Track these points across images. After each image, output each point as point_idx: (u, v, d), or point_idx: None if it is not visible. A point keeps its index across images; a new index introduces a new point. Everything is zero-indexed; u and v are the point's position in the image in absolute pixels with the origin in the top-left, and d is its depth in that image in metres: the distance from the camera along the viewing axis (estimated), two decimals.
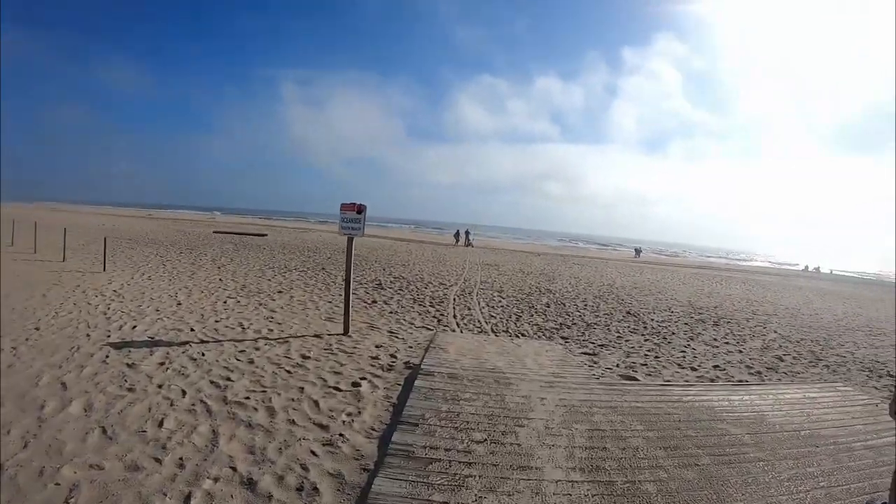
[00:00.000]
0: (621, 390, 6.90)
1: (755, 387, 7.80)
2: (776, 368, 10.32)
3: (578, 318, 14.05)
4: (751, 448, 5.35)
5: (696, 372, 9.35)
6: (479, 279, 21.15)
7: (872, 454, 5.56)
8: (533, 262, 34.53)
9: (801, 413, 6.64)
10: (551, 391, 6.59)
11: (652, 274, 34.12)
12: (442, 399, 6.02)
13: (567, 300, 17.24)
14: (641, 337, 12.18)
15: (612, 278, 27.35)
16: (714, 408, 6.45)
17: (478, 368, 7.42)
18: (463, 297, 16.20)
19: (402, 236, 59.30)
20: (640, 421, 5.77)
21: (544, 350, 9.28)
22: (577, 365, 8.47)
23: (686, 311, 17.21)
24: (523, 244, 73.70)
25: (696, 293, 23.74)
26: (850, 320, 19.93)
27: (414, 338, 9.88)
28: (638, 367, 9.26)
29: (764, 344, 12.89)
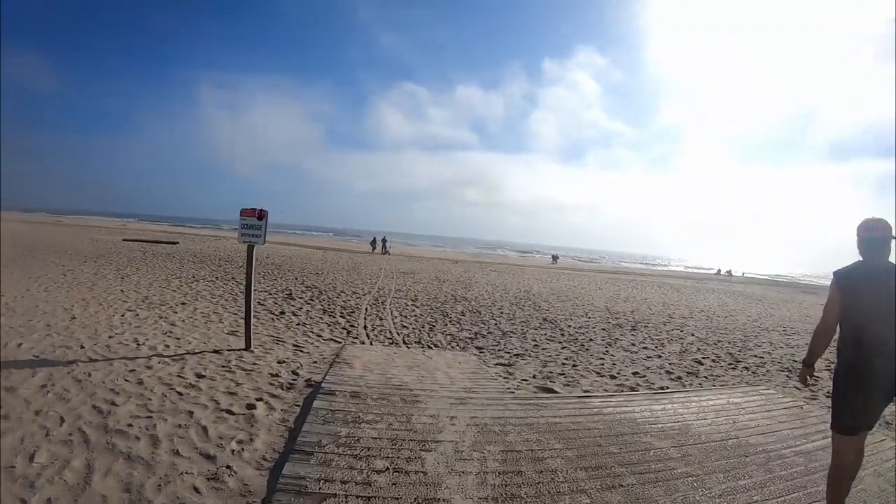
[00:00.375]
0: (537, 405, 6.45)
1: (677, 394, 7.53)
2: (696, 373, 10.18)
3: (494, 326, 13.69)
4: (678, 462, 4.99)
5: (615, 380, 9.06)
6: (393, 287, 20.61)
7: (803, 460, 5.35)
8: (450, 269, 34.24)
9: (727, 420, 6.40)
10: (462, 409, 6.09)
11: (569, 280, 34.36)
12: (342, 422, 5.40)
13: (483, 308, 16.90)
14: (559, 345, 11.89)
15: (529, 285, 27.33)
16: (636, 419, 6.10)
17: (384, 385, 6.85)
18: (376, 306, 15.62)
19: (319, 244, 58.13)
20: (558, 438, 5.33)
21: (457, 362, 8.83)
22: (491, 378, 8.04)
23: (603, 317, 17.15)
24: (441, 251, 73.78)
25: (613, 298, 23.87)
26: (764, 321, 20.30)
27: (320, 352, 9.23)
28: (555, 376, 8.89)
29: (682, 348, 12.83)
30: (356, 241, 76.51)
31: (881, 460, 5.65)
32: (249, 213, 8.74)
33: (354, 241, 78.04)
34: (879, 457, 5.75)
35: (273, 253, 33.11)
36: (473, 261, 51.10)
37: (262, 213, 8.74)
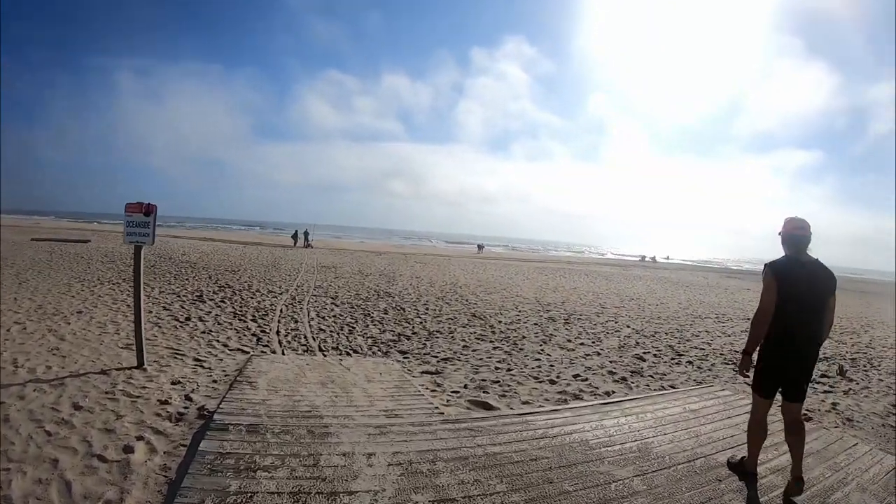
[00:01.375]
0: (472, 429, 5.42)
1: (628, 403, 6.71)
2: (640, 371, 9.57)
3: (419, 325, 12.73)
4: (646, 498, 4.16)
5: (555, 385, 8.27)
6: (313, 284, 19.29)
7: (780, 479, 4.71)
8: (374, 262, 33.06)
9: (689, 434, 5.68)
10: (382, 441, 5.01)
11: (496, 270, 33.81)
12: (233, 471, 4.24)
13: (407, 304, 15.90)
14: (490, 344, 11.09)
15: (455, 276, 26.54)
16: (589, 442, 5.23)
17: (290, 412, 5.72)
18: (292, 306, 14.32)
19: (241, 239, 55.56)
20: (499, 476, 4.36)
21: (378, 373, 7.78)
22: (417, 393, 6.97)
23: (534, 310, 16.51)
24: (366, 243, 72.34)
25: (542, 288, 23.36)
26: (696, 308, 20.15)
27: (224, 367, 8.03)
28: (489, 385, 8.01)
29: (620, 342, 12.27)
30: (282, 235, 74.24)
31: (860, 471, 5.14)
32: (135, 209, 7.50)
33: (280, 235, 75.81)
34: (857, 466, 5.25)
35: (190, 249, 31.13)
36: (398, 252, 50.09)
37: (150, 208, 7.53)
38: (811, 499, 4.41)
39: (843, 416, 8.22)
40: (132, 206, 7.46)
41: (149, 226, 7.52)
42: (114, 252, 26.38)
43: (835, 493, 4.58)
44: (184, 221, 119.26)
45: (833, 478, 4.89)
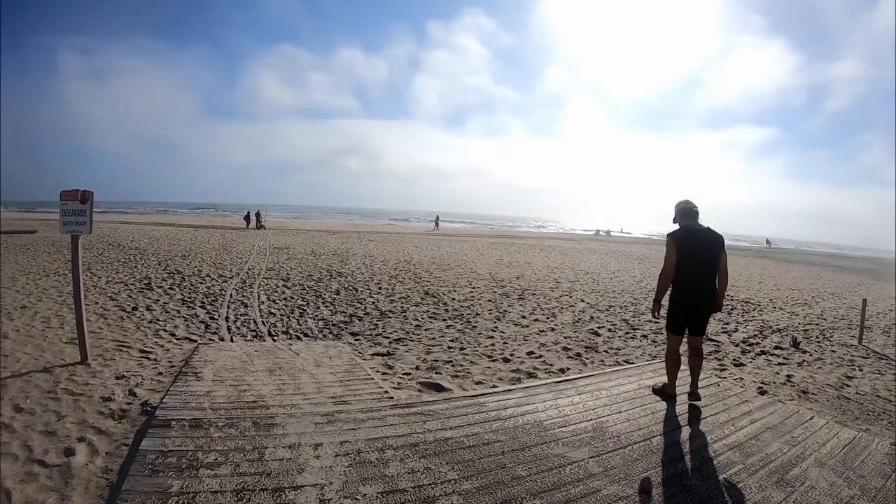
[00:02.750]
0: (423, 413, 5.26)
1: (582, 380, 6.62)
2: (595, 347, 9.53)
3: (371, 305, 12.47)
4: (602, 480, 4.05)
5: (509, 364, 8.16)
6: (264, 266, 18.77)
7: (739, 455, 4.68)
8: (327, 241, 32.53)
9: (644, 411, 5.61)
10: (330, 430, 4.81)
11: (450, 246, 33.64)
12: (175, 470, 4.00)
13: (360, 284, 15.58)
14: (443, 323, 10.92)
15: (409, 254, 26.28)
16: (543, 422, 5.11)
17: (235, 404, 5.48)
18: (242, 290, 13.87)
19: (192, 222, 53.90)
20: (451, 463, 4.21)
21: (328, 357, 7.56)
22: (366, 377, 6.75)
23: (488, 286, 16.40)
24: (320, 222, 71.54)
25: (497, 264, 23.29)
26: (650, 281, 20.28)
27: (170, 357, 7.70)
28: (442, 365, 7.86)
29: (575, 317, 12.24)
30: (235, 217, 72.84)
31: (817, 445, 5.14)
32: (71, 197, 7.13)
33: (231, 217, 74.46)
34: (814, 440, 5.25)
35: (139, 235, 30.08)
36: (353, 231, 49.53)
37: (85, 195, 7.17)
38: (770, 475, 4.38)
39: (799, 389, 8.27)
40: (67, 193, 7.10)
41: (86, 214, 7.16)
42: (61, 242, 25.50)
43: (793, 468, 4.56)
44: (134, 206, 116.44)
45: (791, 453, 4.88)
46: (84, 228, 7.13)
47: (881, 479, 4.56)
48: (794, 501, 3.98)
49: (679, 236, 5.82)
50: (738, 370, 8.95)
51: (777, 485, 4.23)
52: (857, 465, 4.79)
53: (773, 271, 35.51)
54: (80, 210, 7.09)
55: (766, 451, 4.85)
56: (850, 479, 4.48)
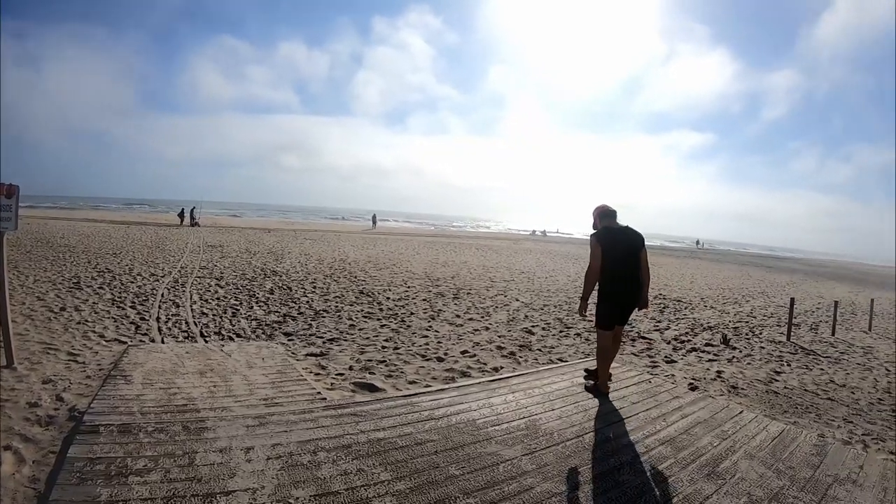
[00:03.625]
0: (356, 414, 5.15)
1: (515, 378, 6.61)
2: (529, 345, 9.59)
3: (306, 305, 12.29)
4: (535, 477, 4.03)
5: (443, 363, 8.14)
6: (197, 265, 18.30)
7: (671, 450, 4.76)
8: (263, 239, 32.05)
9: (577, 408, 5.64)
10: (262, 433, 4.65)
11: (387, 245, 33.57)
12: (103, 478, 3.81)
13: (294, 283, 15.35)
14: (378, 322, 10.83)
15: (345, 252, 26.11)
16: (476, 421, 5.08)
17: (165, 408, 5.28)
18: (175, 289, 13.43)
19: (124, 218, 51.94)
20: (384, 464, 4.12)
21: (260, 358, 7.38)
22: (299, 378, 6.59)
23: (424, 285, 16.40)
24: (256, 220, 70.46)
25: (433, 263, 23.31)
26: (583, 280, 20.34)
27: (99, 360, 7.36)
28: (375, 365, 7.78)
29: (509, 315, 12.31)
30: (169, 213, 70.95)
31: (747, 438, 5.28)
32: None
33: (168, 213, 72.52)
34: (744, 434, 5.39)
35: (70, 232, 28.89)
36: (289, 229, 48.89)
37: (11, 190, 6.82)
38: (701, 468, 4.44)
39: (729, 384, 8.46)
40: None
41: (11, 209, 6.81)
42: None
43: (723, 461, 4.65)
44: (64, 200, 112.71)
45: (721, 446, 4.98)
46: (9, 225, 6.79)
47: (810, 469, 4.69)
48: (725, 493, 4.05)
49: (602, 236, 6.04)
50: (670, 367, 9.12)
51: (708, 477, 4.29)
52: (786, 456, 4.92)
53: (705, 271, 36.42)
54: (5, 205, 6.76)
55: (697, 445, 4.93)
56: (779, 470, 4.59)
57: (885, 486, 4.57)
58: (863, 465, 4.98)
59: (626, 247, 6.03)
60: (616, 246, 5.99)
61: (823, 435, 6.64)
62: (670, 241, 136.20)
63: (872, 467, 4.99)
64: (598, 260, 5.94)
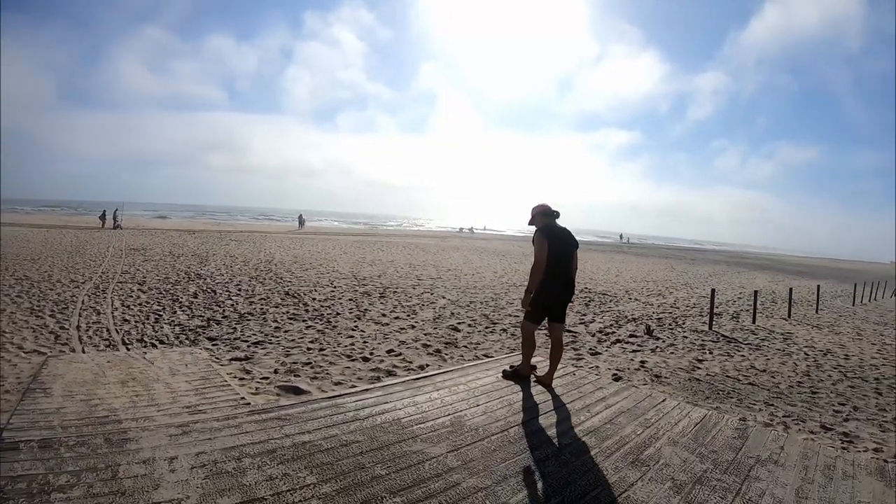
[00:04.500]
0: (280, 418, 5.02)
1: (440, 376, 6.56)
2: (455, 342, 9.65)
3: (230, 308, 12.06)
4: (461, 473, 4.03)
5: (368, 363, 8.13)
6: (119, 270, 17.68)
7: (594, 440, 4.82)
8: (187, 242, 31.20)
9: (502, 403, 5.66)
10: (185, 442, 4.48)
11: (314, 245, 33.26)
12: (25, 496, 3.58)
13: (219, 286, 15.05)
14: (303, 324, 10.71)
15: (271, 253, 25.78)
16: (401, 420, 5.04)
17: (86, 420, 5.07)
18: (96, 296, 12.95)
19: (41, 221, 49.70)
20: (309, 467, 4.05)
21: (183, 364, 7.18)
22: (223, 384, 6.46)
23: (350, 285, 16.32)
24: (180, 222, 68.71)
25: (360, 262, 23.20)
26: (510, 276, 20.71)
27: (18, 372, 7.04)
28: (301, 368, 7.70)
29: (436, 313, 12.34)
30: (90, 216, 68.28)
31: (670, 425, 5.43)
32: None
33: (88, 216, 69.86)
34: (666, 421, 5.54)
35: None
36: (214, 230, 47.93)
37: None
38: (625, 456, 4.53)
39: (652, 374, 8.67)
40: None
41: None
42: None
43: (647, 448, 4.75)
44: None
45: (644, 434, 5.09)
46: None
47: (732, 452, 4.86)
48: (650, 479, 4.14)
49: (548, 232, 6.15)
50: (595, 359, 9.29)
51: (632, 465, 4.38)
52: (709, 440, 5.08)
53: (630, 265, 37.22)
54: None
55: (620, 434, 5.02)
56: (702, 454, 4.74)
57: (805, 465, 4.78)
58: (783, 446, 5.20)
59: (565, 245, 6.21)
60: (558, 244, 6.14)
61: (745, 419, 6.90)
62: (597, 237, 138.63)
63: (793, 447, 5.22)
64: (544, 255, 6.02)
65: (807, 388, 9.06)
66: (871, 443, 6.75)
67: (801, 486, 4.38)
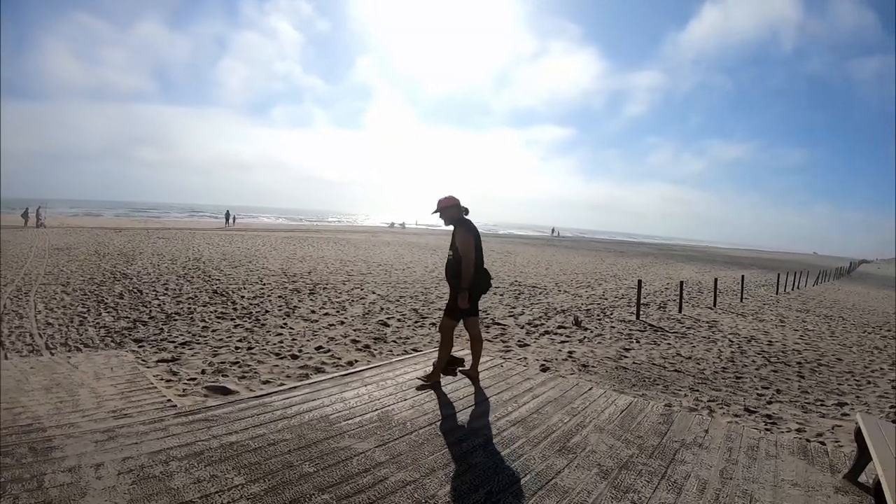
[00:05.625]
0: (207, 420, 4.93)
1: (368, 371, 6.58)
2: (384, 338, 9.67)
3: (157, 308, 11.71)
4: (389, 468, 4.05)
5: (297, 360, 8.05)
6: (43, 270, 16.95)
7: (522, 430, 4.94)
8: (113, 240, 30.16)
9: (429, 397, 5.72)
10: (112, 447, 4.33)
11: (243, 242, 32.74)
12: None
13: (145, 285, 14.60)
14: (231, 322, 10.53)
15: (199, 251, 25.21)
16: (330, 417, 5.03)
17: (9, 429, 4.85)
18: (18, 299, 12.33)
19: None
20: (237, 467, 4.00)
21: (109, 368, 6.96)
22: (150, 387, 6.29)
23: (279, 281, 16.14)
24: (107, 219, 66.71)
25: (289, 259, 22.96)
26: (440, 270, 20.74)
27: None
28: (229, 367, 7.57)
29: (365, 309, 12.33)
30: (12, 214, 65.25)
31: (596, 412, 5.58)
32: None
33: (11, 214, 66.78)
34: (593, 409, 5.69)
35: None
36: (141, 227, 46.65)
37: None
38: (552, 445, 4.63)
39: (580, 364, 8.84)
40: None
41: None
42: None
43: (574, 436, 4.88)
44: None
45: (571, 422, 5.22)
46: None
47: (657, 437, 5.04)
48: (576, 466, 4.25)
49: (473, 228, 6.13)
50: (523, 350, 9.42)
51: (559, 453, 4.48)
52: (634, 426, 5.26)
53: (561, 258, 37.77)
54: None
55: (547, 424, 5.13)
56: (628, 440, 4.89)
57: (729, 447, 4.99)
58: (708, 429, 5.42)
59: (480, 239, 6.18)
60: (479, 238, 6.13)
61: (670, 404, 7.10)
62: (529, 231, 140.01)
63: (717, 430, 5.44)
64: (472, 249, 5.93)
65: (731, 374, 9.38)
66: (794, 423, 7.05)
67: (726, 467, 4.56)
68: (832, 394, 8.88)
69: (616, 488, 4.00)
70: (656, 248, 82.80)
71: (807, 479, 4.50)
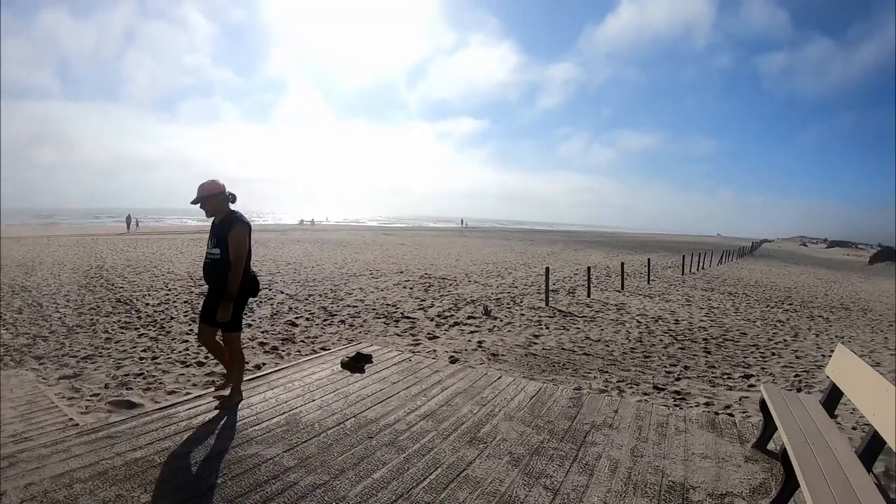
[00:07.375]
0: (110, 437, 4.70)
1: (275, 374, 6.46)
2: (292, 338, 9.60)
3: (58, 322, 11.12)
4: (298, 472, 4.01)
5: (203, 368, 7.89)
6: None
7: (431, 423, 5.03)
8: (11, 251, 28.41)
9: (337, 396, 5.72)
10: (13, 474, 3.98)
11: (148, 246, 31.65)
12: None
13: (45, 298, 13.81)
14: (136, 332, 10.16)
15: (102, 258, 24.17)
16: (236, 424, 4.93)
17: None
18: None
19: None
20: (143, 485, 3.82)
21: (9, 388, 6.50)
22: (51, 406, 5.95)
23: (185, 286, 15.75)
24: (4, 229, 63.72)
25: (196, 262, 22.39)
26: (351, 266, 20.73)
27: None
28: (133, 379, 7.31)
29: (273, 310, 12.20)
30: None
31: (506, 401, 5.70)
32: None
33: None
34: (503, 397, 5.81)
35: None
36: (40, 235, 44.40)
37: None
38: (462, 436, 4.71)
39: (489, 353, 8.96)
40: None
41: None
42: None
43: (484, 426, 4.97)
44: None
45: (481, 412, 5.32)
46: None
47: (567, 420, 5.21)
48: (488, 456, 4.33)
49: (246, 222, 5.27)
50: (433, 343, 9.49)
51: (470, 443, 4.56)
52: (544, 412, 5.41)
53: (471, 248, 38.14)
54: None
55: (457, 415, 5.21)
56: (538, 426, 5.03)
57: (639, 426, 5.20)
58: (618, 410, 5.64)
59: None
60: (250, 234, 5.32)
61: (580, 388, 7.29)
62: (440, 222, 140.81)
63: (627, 410, 5.66)
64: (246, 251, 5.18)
65: (640, 354, 9.69)
66: (702, 398, 7.36)
67: (636, 445, 4.74)
68: (738, 367, 9.31)
69: (528, 475, 4.09)
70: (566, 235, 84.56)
71: (717, 450, 4.70)
